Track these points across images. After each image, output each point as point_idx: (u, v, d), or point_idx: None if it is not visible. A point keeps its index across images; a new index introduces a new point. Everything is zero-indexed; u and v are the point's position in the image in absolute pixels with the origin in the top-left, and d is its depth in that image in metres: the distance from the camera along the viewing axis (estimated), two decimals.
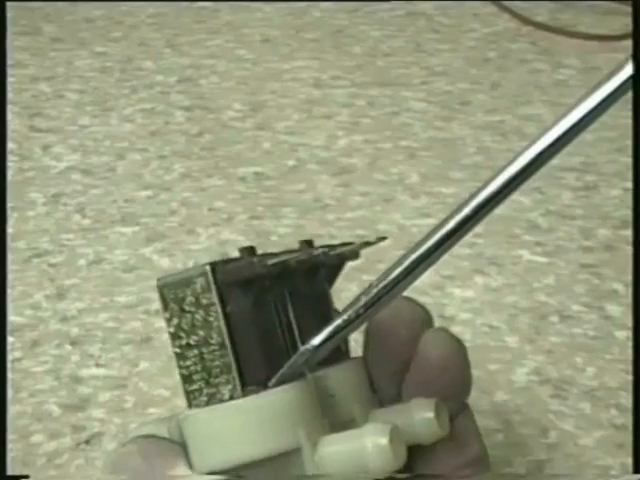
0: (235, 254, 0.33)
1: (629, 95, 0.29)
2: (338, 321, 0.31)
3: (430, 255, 0.30)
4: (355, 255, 0.36)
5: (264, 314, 0.33)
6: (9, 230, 0.66)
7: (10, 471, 0.49)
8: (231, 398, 0.31)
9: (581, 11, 0.94)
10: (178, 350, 0.32)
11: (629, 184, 0.70)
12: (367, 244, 0.35)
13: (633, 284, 0.59)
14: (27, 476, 0.50)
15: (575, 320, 0.59)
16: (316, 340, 0.31)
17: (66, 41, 0.91)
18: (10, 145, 0.75)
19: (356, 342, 0.38)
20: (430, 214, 0.68)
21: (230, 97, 0.82)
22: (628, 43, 0.85)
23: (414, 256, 0.31)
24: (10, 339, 0.58)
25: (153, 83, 0.84)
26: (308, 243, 0.34)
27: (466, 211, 0.30)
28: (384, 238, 0.34)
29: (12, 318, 0.60)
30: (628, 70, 0.28)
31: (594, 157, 0.73)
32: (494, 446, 0.51)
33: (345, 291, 0.61)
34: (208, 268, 0.31)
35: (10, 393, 0.55)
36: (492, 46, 0.89)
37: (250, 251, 0.33)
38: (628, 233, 0.65)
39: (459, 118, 0.79)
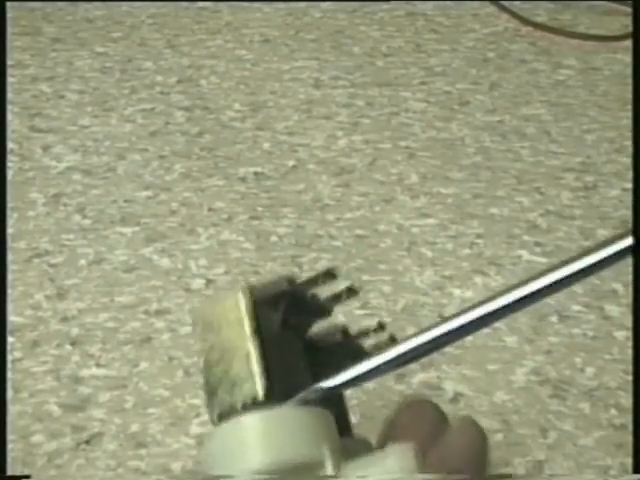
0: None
1: (629, 95, 0.29)
2: (354, 370, 0.32)
3: (451, 332, 0.31)
4: None
5: (289, 334, 0.34)
6: (9, 230, 0.66)
7: (10, 471, 0.50)
8: (254, 407, 0.31)
9: (580, 11, 0.94)
10: (206, 365, 0.33)
11: (628, 184, 0.70)
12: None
13: (633, 284, 0.60)
14: (28, 476, 0.50)
15: (574, 320, 0.59)
16: (331, 382, 0.32)
17: (66, 41, 0.91)
18: (10, 145, 0.76)
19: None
20: (429, 214, 0.68)
21: (230, 97, 0.82)
22: (627, 43, 0.85)
23: (437, 328, 0.31)
24: (10, 339, 0.58)
25: (153, 83, 0.84)
26: (332, 275, 0.35)
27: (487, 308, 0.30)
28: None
29: (12, 318, 0.60)
30: (628, 241, 0.29)
31: (593, 157, 0.73)
32: (493, 446, 0.52)
33: None
34: (238, 287, 0.33)
35: (10, 393, 0.55)
36: (491, 46, 0.89)
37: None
38: None
39: (458, 118, 0.79)
